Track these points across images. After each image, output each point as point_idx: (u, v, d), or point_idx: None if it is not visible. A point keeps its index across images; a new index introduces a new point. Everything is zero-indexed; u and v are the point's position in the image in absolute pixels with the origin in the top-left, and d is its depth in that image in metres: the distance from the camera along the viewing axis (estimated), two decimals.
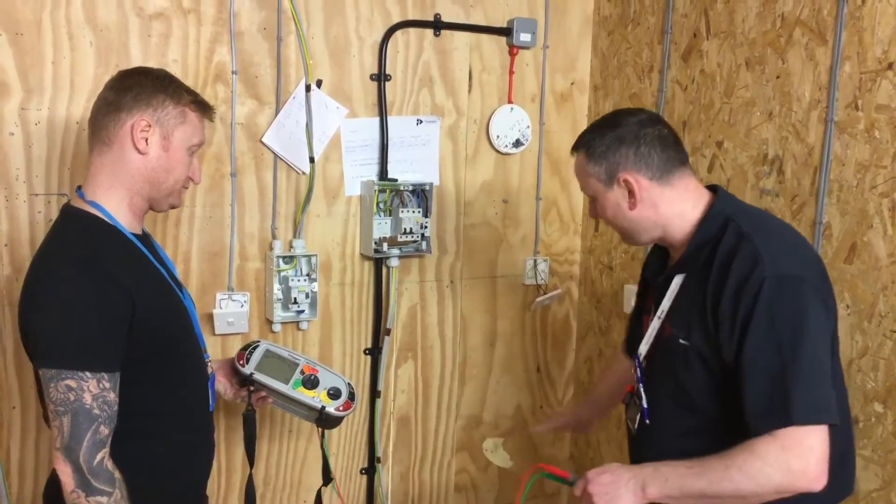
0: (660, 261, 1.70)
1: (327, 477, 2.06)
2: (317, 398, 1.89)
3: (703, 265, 1.52)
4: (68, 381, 1.40)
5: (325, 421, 1.92)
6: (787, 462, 1.35)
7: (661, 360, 1.61)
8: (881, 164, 1.76)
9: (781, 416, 1.36)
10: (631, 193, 1.58)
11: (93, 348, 1.43)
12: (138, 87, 1.53)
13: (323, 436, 1.96)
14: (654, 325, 1.61)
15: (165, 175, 1.56)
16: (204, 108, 1.61)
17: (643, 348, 1.65)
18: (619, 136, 1.59)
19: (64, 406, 1.40)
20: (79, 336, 1.43)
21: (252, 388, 1.88)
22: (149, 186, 1.56)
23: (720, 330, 1.45)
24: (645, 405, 1.64)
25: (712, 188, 1.65)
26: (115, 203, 1.54)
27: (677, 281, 1.58)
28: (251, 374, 1.85)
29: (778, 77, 2.00)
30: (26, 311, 1.48)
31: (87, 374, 1.41)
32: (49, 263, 1.48)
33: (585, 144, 1.63)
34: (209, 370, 1.74)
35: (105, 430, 1.43)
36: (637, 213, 1.60)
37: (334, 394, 1.91)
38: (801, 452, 1.35)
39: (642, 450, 1.65)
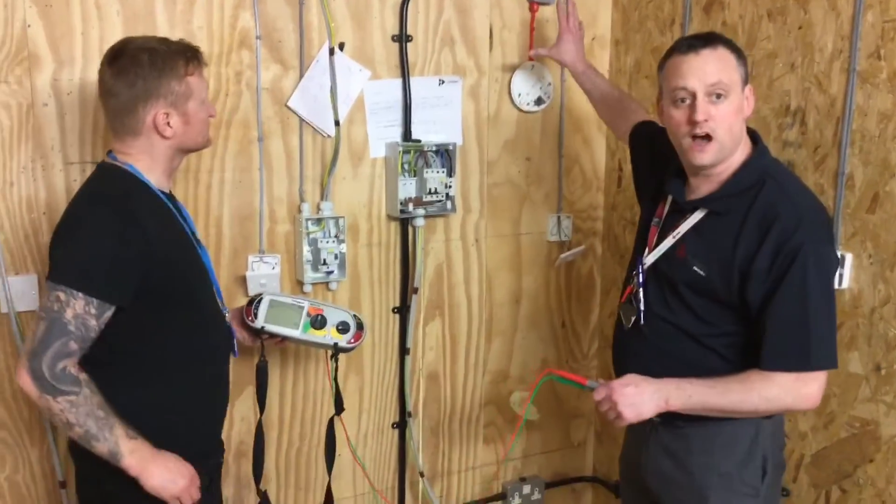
0: (679, 181, 1.77)
1: (339, 406, 2.14)
2: (328, 336, 2.02)
3: (735, 213, 1.64)
4: (59, 293, 1.52)
5: (339, 353, 2.04)
6: (798, 390, 1.61)
7: (667, 274, 1.75)
8: None
9: (800, 360, 1.59)
10: (748, 101, 1.67)
11: (93, 273, 1.55)
12: (141, 75, 1.62)
13: (335, 369, 2.06)
14: (667, 244, 1.75)
15: (193, 138, 1.72)
16: (197, 61, 1.70)
17: (649, 259, 1.78)
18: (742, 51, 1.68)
19: (45, 313, 1.52)
20: (85, 259, 1.55)
21: (265, 338, 2.00)
22: (182, 150, 1.73)
23: (750, 278, 1.61)
24: (642, 307, 1.78)
25: (751, 133, 1.73)
26: (146, 166, 1.68)
27: (699, 214, 1.70)
28: (262, 327, 1.96)
29: (800, 27, 2.00)
30: (53, 237, 1.62)
31: (79, 294, 1.52)
32: (81, 201, 1.64)
33: (728, 43, 1.66)
34: (227, 320, 1.87)
35: (74, 346, 1.53)
36: (743, 126, 1.68)
37: (343, 328, 2.04)
38: (810, 384, 1.61)
39: (634, 346, 1.81)
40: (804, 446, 2.06)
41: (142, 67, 1.62)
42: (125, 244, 1.57)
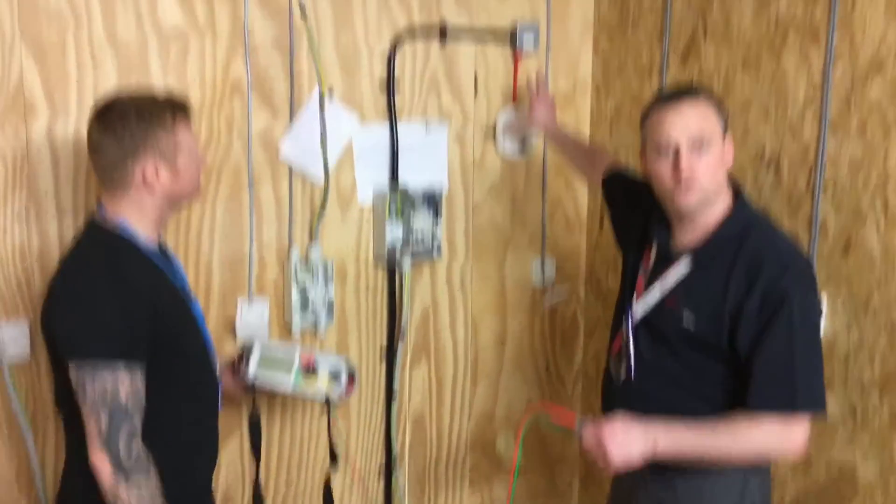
0: (665, 228, 1.80)
1: (333, 457, 2.13)
2: (319, 387, 2.01)
3: (722, 262, 1.67)
4: (104, 374, 1.52)
5: (332, 403, 2.04)
6: (784, 435, 1.62)
7: (657, 326, 1.76)
8: (873, 162, 1.83)
9: (786, 400, 1.61)
10: (727, 151, 1.72)
11: (124, 341, 1.56)
12: (128, 130, 1.63)
13: (329, 420, 2.05)
14: (656, 295, 1.77)
15: (184, 191, 1.73)
16: (185, 114, 1.71)
17: (638, 310, 1.80)
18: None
19: (102, 402, 1.52)
20: (112, 329, 1.55)
21: (256, 391, 2.01)
22: (172, 201, 1.73)
23: (739, 326, 1.64)
24: (632, 362, 1.79)
25: (732, 182, 1.78)
26: (136, 219, 1.68)
27: (687, 263, 1.72)
28: (253, 380, 1.96)
29: (773, 77, 2.07)
30: (57, 310, 1.60)
31: (121, 365, 1.53)
32: (78, 270, 1.63)
33: (707, 95, 1.73)
34: (217, 375, 1.86)
35: (137, 422, 1.55)
36: (723, 176, 1.72)
37: (335, 377, 2.03)
38: (795, 430, 1.62)
39: (626, 399, 1.80)
40: (784, 490, 2.08)
41: (129, 122, 1.62)
42: (133, 307, 1.58)
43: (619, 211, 2.10)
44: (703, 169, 1.66)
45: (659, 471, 1.70)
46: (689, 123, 1.67)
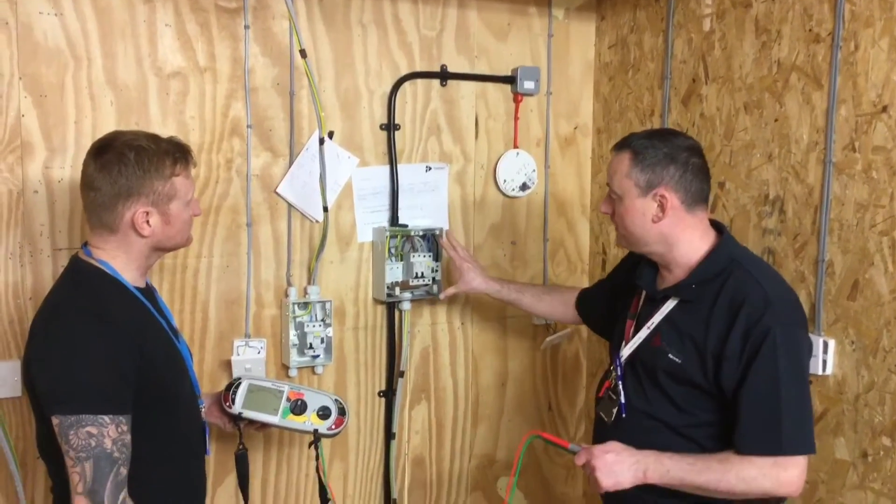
0: (651, 272, 1.83)
1: (324, 498, 2.09)
2: (308, 422, 1.96)
3: (705, 300, 1.68)
4: (89, 428, 1.47)
5: (320, 440, 1.99)
6: (777, 475, 1.60)
7: (645, 364, 1.78)
8: (879, 203, 1.82)
9: (772, 444, 1.60)
10: (661, 208, 1.71)
11: (109, 393, 1.51)
12: (124, 173, 1.57)
13: (318, 458, 2.01)
14: (642, 335, 1.78)
15: (172, 238, 1.68)
16: (185, 161, 1.66)
17: (626, 352, 1.81)
18: (671, 155, 1.71)
19: (86, 452, 1.47)
20: (95, 382, 1.50)
21: (243, 424, 1.96)
22: (159, 249, 1.68)
23: (723, 364, 1.64)
24: (623, 401, 1.80)
25: (717, 225, 1.80)
26: (121, 263, 1.64)
27: (671, 303, 1.74)
28: (239, 413, 1.93)
29: (776, 120, 2.07)
30: (37, 360, 1.54)
31: (106, 418, 1.48)
32: (58, 314, 1.57)
33: (634, 149, 1.72)
34: (202, 416, 1.82)
35: (124, 471, 1.50)
36: (657, 227, 1.72)
37: (324, 414, 1.97)
38: (789, 469, 1.60)
39: (621, 438, 1.76)
40: None
41: (126, 165, 1.57)
42: (118, 353, 1.53)
43: (604, 314, 2.07)
44: (616, 217, 1.77)
45: (653, 498, 1.70)
46: (609, 173, 1.79)
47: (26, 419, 2.01)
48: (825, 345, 1.91)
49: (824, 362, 1.91)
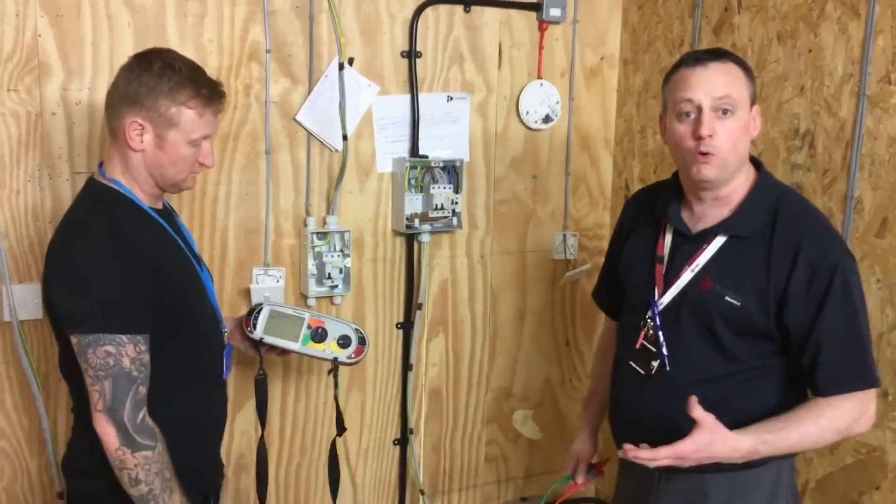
0: (678, 211, 1.66)
1: (341, 427, 2.11)
2: (328, 350, 1.98)
3: (759, 236, 1.56)
4: (107, 347, 1.48)
5: (339, 368, 2.00)
6: (863, 413, 1.52)
7: (694, 312, 1.61)
8: None
9: (865, 379, 1.52)
10: (754, 122, 1.59)
11: (126, 312, 1.52)
12: (139, 82, 1.54)
13: (336, 386, 2.02)
14: (686, 278, 1.61)
15: (165, 168, 1.61)
16: (208, 101, 1.59)
17: (665, 299, 1.64)
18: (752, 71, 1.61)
19: (104, 370, 1.49)
20: (112, 301, 1.51)
21: (264, 349, 1.97)
22: (151, 177, 1.62)
23: (787, 304, 1.52)
24: (666, 352, 1.63)
25: (752, 158, 1.64)
26: (127, 178, 1.62)
27: (719, 240, 1.59)
28: (261, 339, 1.94)
29: (810, 51, 2.00)
30: (55, 282, 1.55)
31: (124, 337, 1.49)
32: (74, 235, 1.57)
33: (738, 60, 1.58)
34: (225, 340, 1.83)
35: (143, 390, 1.52)
36: (748, 145, 1.59)
37: (344, 343, 1.99)
38: (871, 405, 1.53)
39: (653, 395, 1.64)
40: (809, 471, 2.04)
41: (146, 73, 1.54)
42: (134, 273, 1.52)
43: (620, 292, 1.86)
44: (725, 135, 1.52)
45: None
46: (714, 84, 1.52)
47: (48, 341, 2.03)
48: None
49: None
